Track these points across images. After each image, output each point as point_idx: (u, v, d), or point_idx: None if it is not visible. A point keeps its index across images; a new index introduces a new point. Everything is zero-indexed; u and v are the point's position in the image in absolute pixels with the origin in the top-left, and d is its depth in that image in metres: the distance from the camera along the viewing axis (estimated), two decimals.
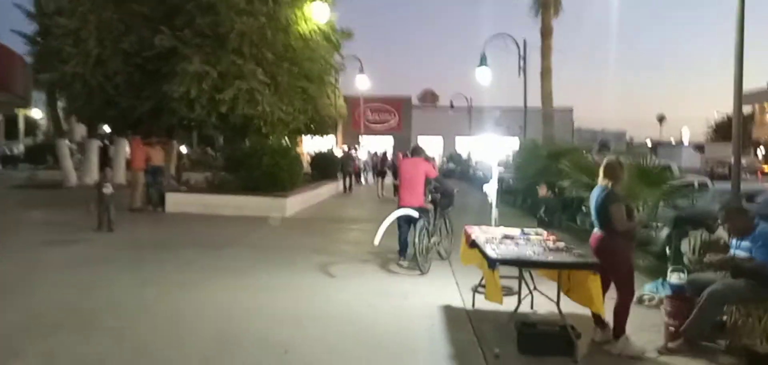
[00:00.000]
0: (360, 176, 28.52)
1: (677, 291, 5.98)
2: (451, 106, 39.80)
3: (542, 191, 8.38)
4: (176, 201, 14.70)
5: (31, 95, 25.42)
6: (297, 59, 15.03)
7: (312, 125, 21.48)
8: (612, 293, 5.01)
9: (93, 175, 20.50)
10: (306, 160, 25.52)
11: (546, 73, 17.73)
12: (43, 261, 8.24)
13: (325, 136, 29.05)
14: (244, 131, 14.91)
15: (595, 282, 4.58)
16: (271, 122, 14.46)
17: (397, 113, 57.26)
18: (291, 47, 14.91)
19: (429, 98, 57.54)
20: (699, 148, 61.63)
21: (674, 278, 6.35)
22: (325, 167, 22.76)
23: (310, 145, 36.90)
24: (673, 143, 75.24)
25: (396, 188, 21.78)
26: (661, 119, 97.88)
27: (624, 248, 4.99)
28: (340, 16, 17.32)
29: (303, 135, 24.77)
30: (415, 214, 8.30)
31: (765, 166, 33.72)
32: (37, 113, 44.42)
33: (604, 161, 5.12)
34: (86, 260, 8.28)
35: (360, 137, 39.69)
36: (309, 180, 19.81)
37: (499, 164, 7.35)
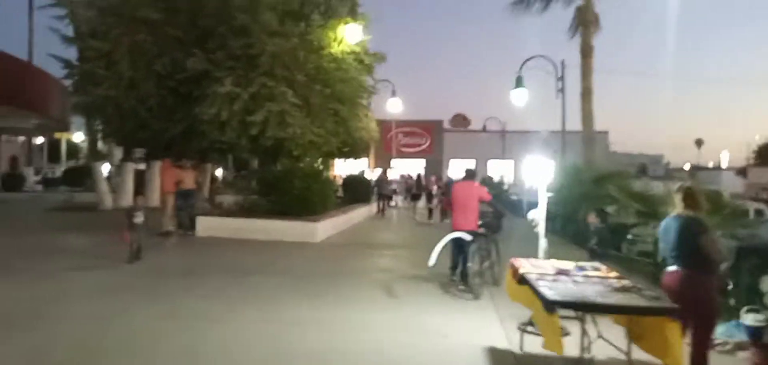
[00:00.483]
0: (391, 199, 28.10)
1: (756, 335, 5.28)
2: (484, 129, 38.99)
3: (592, 218, 7.66)
4: (207, 225, 14.44)
5: (69, 119, 25.81)
6: (329, 81, 14.71)
7: (344, 148, 21.20)
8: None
9: (128, 198, 20.52)
10: (338, 182, 25.22)
11: (586, 93, 16.89)
12: (62, 290, 7.91)
13: (357, 158, 28.86)
14: (275, 153, 14.59)
15: (674, 329, 3.92)
16: (303, 144, 14.11)
17: (429, 137, 56.96)
18: (323, 69, 14.60)
19: (460, 121, 57.43)
20: (740, 172, 58.89)
21: (751, 320, 5.62)
22: (357, 189, 22.35)
23: (342, 168, 36.74)
24: (711, 166, 72.24)
25: (430, 211, 21.85)
26: (699, 143, 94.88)
27: (713, 285, 4.32)
28: (373, 39, 17.02)
29: (335, 158, 24.54)
30: (469, 237, 8.23)
31: None
32: (78, 137, 45.55)
33: (683, 188, 4.48)
34: (108, 289, 7.93)
35: (392, 160, 39.33)
36: (340, 203, 19.41)
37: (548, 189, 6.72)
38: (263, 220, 14.25)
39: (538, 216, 6.81)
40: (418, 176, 24.93)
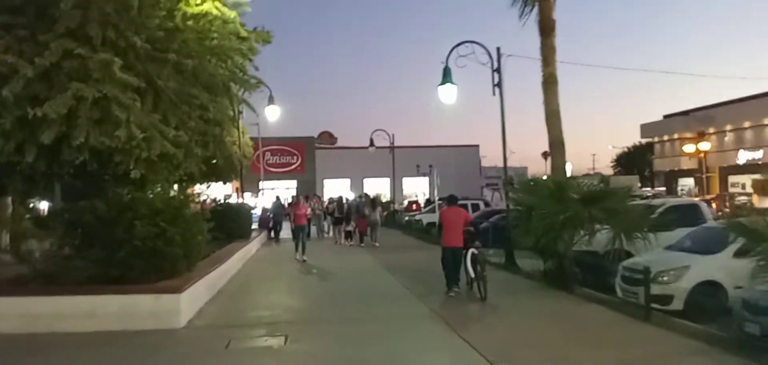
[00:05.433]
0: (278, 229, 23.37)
1: None
2: (371, 144, 34.55)
3: None
4: None
5: None
6: (189, 52, 8.71)
7: (210, 169, 15.14)
8: None
9: None
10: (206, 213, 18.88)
11: (549, 82, 12.23)
12: None
13: (226, 182, 22.99)
14: (97, 176, 8.33)
15: None
16: (148, 159, 7.96)
17: (300, 155, 52.17)
18: (176, 31, 8.57)
19: (326, 139, 54.37)
20: (603, 181, 60.45)
21: None
22: (232, 222, 16.27)
23: (208, 193, 30.14)
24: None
25: (349, 234, 20.46)
26: (545, 155, 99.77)
27: None
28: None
29: (197, 183, 18.16)
30: (475, 251, 9.94)
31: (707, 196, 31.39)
32: None
33: None
34: None
35: (260, 182, 34.25)
36: (211, 243, 13.24)
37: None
38: (82, 296, 7.96)
39: None
40: (340, 199, 22.39)
